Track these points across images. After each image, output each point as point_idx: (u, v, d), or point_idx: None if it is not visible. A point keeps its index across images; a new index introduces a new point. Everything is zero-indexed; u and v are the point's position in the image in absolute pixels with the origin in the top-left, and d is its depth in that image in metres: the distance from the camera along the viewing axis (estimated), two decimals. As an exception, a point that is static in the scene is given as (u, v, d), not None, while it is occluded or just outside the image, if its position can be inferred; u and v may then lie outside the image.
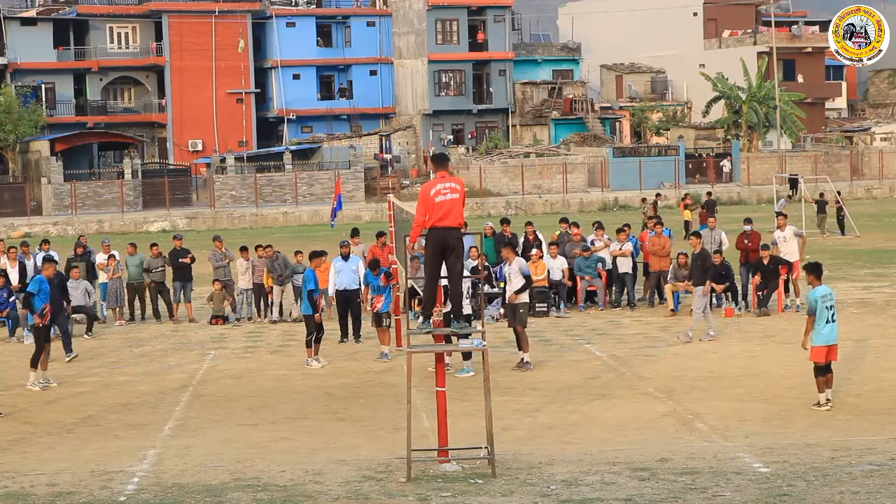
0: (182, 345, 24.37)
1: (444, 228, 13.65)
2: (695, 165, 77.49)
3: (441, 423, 13.98)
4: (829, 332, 16.24)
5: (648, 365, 20.38)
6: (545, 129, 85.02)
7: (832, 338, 16.30)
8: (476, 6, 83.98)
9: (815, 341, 16.30)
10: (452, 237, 13.69)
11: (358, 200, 68.52)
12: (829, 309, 16.20)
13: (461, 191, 13.82)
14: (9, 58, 76.07)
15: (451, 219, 13.67)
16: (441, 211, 13.64)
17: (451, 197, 13.70)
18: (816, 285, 16.45)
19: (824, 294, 16.29)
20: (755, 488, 12.69)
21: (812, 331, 16.28)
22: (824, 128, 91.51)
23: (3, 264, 26.98)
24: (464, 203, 13.84)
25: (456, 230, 13.72)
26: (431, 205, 13.67)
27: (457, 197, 13.71)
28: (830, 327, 16.24)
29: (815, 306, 16.18)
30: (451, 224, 13.68)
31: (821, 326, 16.19)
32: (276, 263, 26.83)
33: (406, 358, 14.41)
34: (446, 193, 13.71)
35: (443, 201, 13.66)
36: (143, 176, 69.42)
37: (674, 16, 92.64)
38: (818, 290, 16.35)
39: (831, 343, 16.30)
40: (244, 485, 13.32)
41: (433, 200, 13.67)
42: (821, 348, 16.25)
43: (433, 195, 13.68)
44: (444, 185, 13.76)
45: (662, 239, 26.72)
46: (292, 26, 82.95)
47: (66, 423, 17.09)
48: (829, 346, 16.29)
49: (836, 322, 16.36)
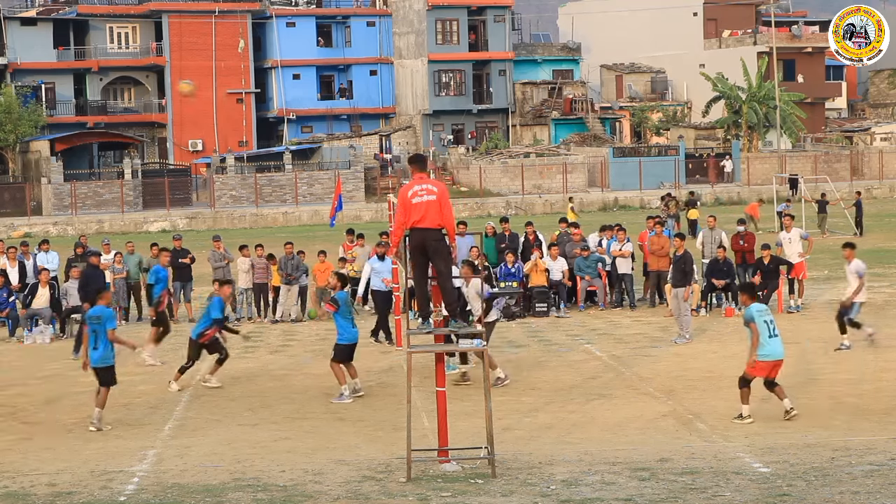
0: (182, 345, 24.33)
1: (424, 230, 13.68)
2: (695, 165, 77.50)
3: (441, 423, 13.98)
4: (774, 346, 15.88)
5: (648, 365, 20.38)
6: (545, 129, 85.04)
7: (777, 353, 15.91)
8: (476, 6, 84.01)
9: (758, 355, 15.85)
10: (432, 238, 13.71)
11: (358, 200, 68.53)
12: (769, 323, 15.91)
13: (440, 192, 13.82)
14: (9, 58, 76.11)
15: (429, 220, 13.69)
16: (419, 213, 13.68)
17: (428, 199, 13.72)
18: (749, 304, 16.25)
19: (760, 309, 16.08)
20: (755, 488, 12.69)
21: (758, 345, 15.98)
22: (824, 128, 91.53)
23: (2, 264, 26.99)
24: (445, 204, 13.80)
25: (436, 231, 13.73)
26: (409, 206, 13.72)
27: (433, 199, 13.72)
28: (775, 341, 15.90)
29: (755, 317, 15.90)
30: (430, 225, 13.70)
31: (764, 340, 15.84)
32: (290, 262, 26.88)
33: (406, 358, 14.41)
34: (423, 195, 13.74)
35: (419, 203, 13.70)
36: (143, 176, 69.42)
37: (674, 16, 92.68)
38: (754, 305, 16.14)
39: (777, 358, 15.91)
40: (244, 485, 13.32)
41: (410, 202, 13.73)
42: (765, 363, 15.83)
43: (410, 196, 13.75)
44: (422, 186, 13.81)
45: (662, 239, 26.74)
46: (292, 26, 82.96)
47: (66, 423, 17.09)
48: (776, 362, 15.90)
49: (778, 336, 16.01)
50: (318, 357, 21.34)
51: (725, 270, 25.95)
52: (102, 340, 16.75)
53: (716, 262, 26.24)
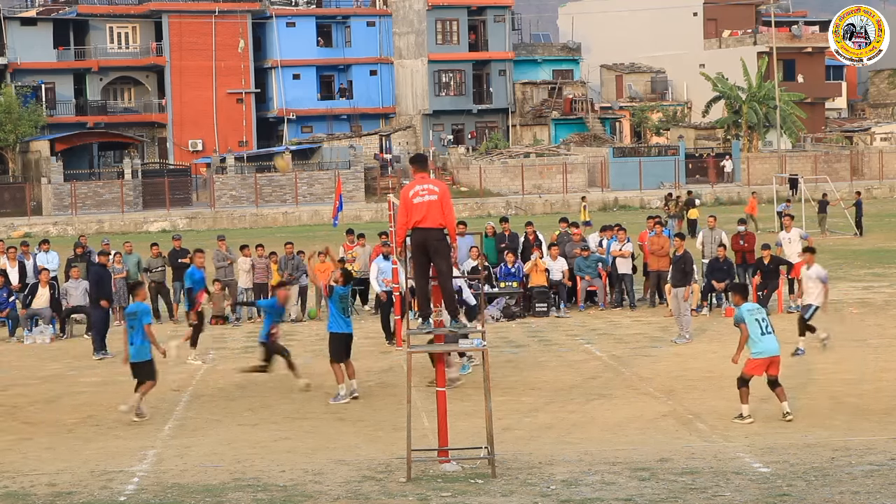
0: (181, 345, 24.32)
1: (425, 229, 13.71)
2: (695, 165, 77.51)
3: (441, 423, 13.98)
4: (767, 343, 15.83)
5: (648, 365, 20.38)
6: (545, 129, 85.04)
7: (772, 349, 15.85)
8: (476, 6, 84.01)
9: (752, 353, 15.85)
10: (433, 238, 13.74)
11: (358, 200, 68.52)
12: (761, 321, 15.88)
13: (441, 192, 13.84)
14: (9, 58, 76.10)
15: (430, 220, 13.71)
16: (420, 212, 13.71)
17: (429, 199, 13.75)
18: (741, 304, 16.28)
19: (751, 308, 16.09)
20: (755, 488, 12.69)
21: (746, 343, 15.91)
22: (824, 128, 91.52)
23: (2, 264, 26.99)
24: (446, 204, 13.82)
25: (437, 231, 13.75)
26: (410, 206, 13.75)
27: (435, 199, 13.75)
28: (769, 338, 15.85)
29: (745, 317, 15.90)
30: (431, 225, 13.72)
31: (757, 338, 15.82)
32: (290, 262, 26.89)
33: (406, 358, 14.40)
34: (424, 195, 13.77)
35: (420, 203, 13.73)
36: (143, 176, 69.41)
37: (674, 16, 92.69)
38: (745, 305, 16.17)
39: (772, 354, 15.85)
40: (244, 485, 13.32)
41: (412, 202, 13.76)
42: (760, 360, 15.79)
43: (411, 196, 13.79)
44: (423, 186, 13.84)
45: (662, 239, 26.74)
46: (292, 26, 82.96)
47: (66, 423, 17.09)
48: (771, 358, 15.84)
49: (772, 333, 15.95)
50: (318, 357, 21.32)
51: (725, 270, 25.94)
52: (139, 335, 17.02)
53: (716, 262, 26.23)
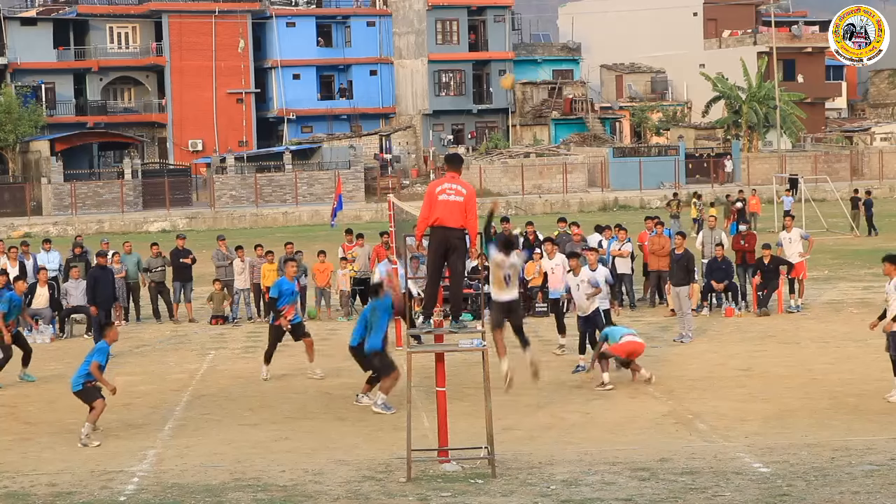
0: (182, 345, 24.37)
1: (447, 228, 13.63)
2: (695, 165, 77.48)
3: (441, 423, 13.98)
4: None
5: (648, 365, 20.32)
6: (545, 129, 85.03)
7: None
8: (476, 6, 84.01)
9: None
10: (454, 237, 13.68)
11: (358, 200, 68.52)
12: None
13: (468, 195, 13.71)
14: (9, 58, 76.11)
15: (451, 220, 13.62)
16: (441, 211, 13.62)
17: (455, 199, 13.65)
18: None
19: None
20: (755, 488, 12.69)
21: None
22: (824, 128, 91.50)
23: (3, 264, 26.97)
24: (471, 208, 13.68)
25: (458, 231, 13.69)
26: (434, 203, 13.68)
27: (461, 200, 13.63)
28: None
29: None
30: (453, 225, 13.65)
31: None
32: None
33: (406, 358, 14.40)
34: (451, 194, 13.68)
35: (445, 201, 13.65)
36: (143, 176, 69.40)
37: (674, 16, 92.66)
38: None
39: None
40: (244, 485, 13.32)
41: (436, 198, 13.68)
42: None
43: (437, 193, 13.70)
44: (451, 185, 13.74)
45: (662, 239, 26.72)
46: (292, 26, 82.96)
47: (66, 423, 17.08)
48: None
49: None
50: (317, 357, 21.30)
51: (724, 269, 25.92)
52: (86, 366, 16.82)
53: (714, 262, 26.22)
